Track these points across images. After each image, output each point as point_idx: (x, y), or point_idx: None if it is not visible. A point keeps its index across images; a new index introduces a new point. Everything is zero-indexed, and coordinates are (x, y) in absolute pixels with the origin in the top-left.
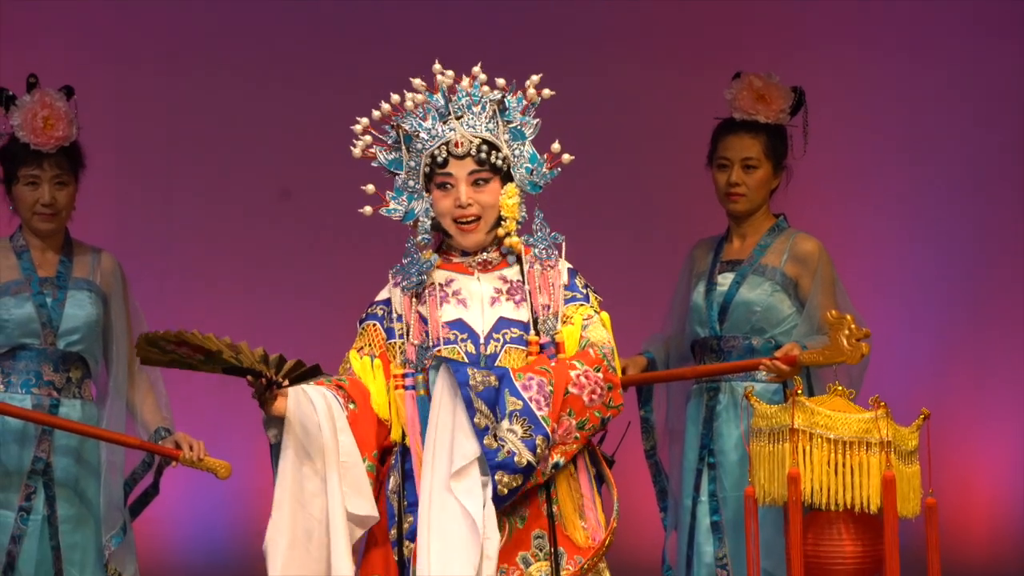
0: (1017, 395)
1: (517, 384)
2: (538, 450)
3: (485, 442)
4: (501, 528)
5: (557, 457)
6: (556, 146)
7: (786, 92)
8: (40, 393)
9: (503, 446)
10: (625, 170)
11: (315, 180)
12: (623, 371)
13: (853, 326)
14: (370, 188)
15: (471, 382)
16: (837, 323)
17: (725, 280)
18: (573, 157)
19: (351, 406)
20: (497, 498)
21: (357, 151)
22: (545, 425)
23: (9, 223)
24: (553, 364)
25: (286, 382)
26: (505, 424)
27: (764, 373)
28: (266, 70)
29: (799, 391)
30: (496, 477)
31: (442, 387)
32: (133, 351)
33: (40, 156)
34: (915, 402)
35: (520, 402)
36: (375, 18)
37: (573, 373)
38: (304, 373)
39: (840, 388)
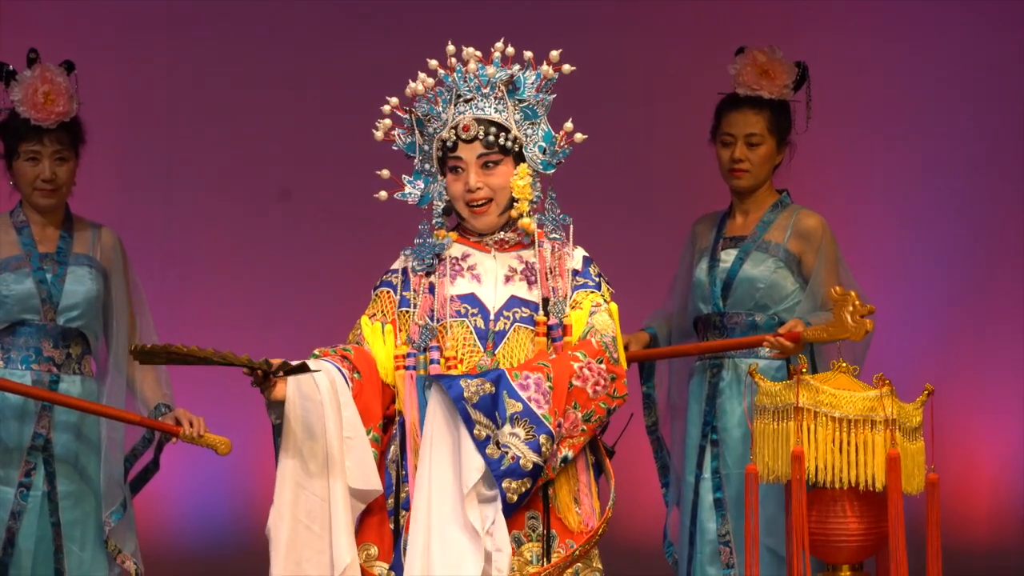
0: (1019, 372)
1: (514, 384)
2: (543, 450)
3: (488, 452)
4: None
5: (566, 451)
6: (569, 125)
7: (790, 67)
8: (40, 369)
9: (506, 453)
10: (625, 151)
11: (317, 167)
12: (625, 347)
13: (857, 303)
14: (385, 173)
15: (466, 395)
16: (841, 300)
17: (728, 256)
18: (586, 136)
19: (356, 376)
20: (507, 506)
21: (379, 134)
22: (547, 423)
23: (9, 198)
24: (554, 357)
25: (281, 373)
26: (507, 429)
27: (768, 350)
28: (266, 59)
29: (804, 369)
30: (504, 486)
31: (435, 406)
32: (134, 327)
33: (41, 131)
34: (917, 379)
35: (519, 404)
36: (377, 15)
37: (576, 365)
38: (294, 370)
39: (844, 365)
